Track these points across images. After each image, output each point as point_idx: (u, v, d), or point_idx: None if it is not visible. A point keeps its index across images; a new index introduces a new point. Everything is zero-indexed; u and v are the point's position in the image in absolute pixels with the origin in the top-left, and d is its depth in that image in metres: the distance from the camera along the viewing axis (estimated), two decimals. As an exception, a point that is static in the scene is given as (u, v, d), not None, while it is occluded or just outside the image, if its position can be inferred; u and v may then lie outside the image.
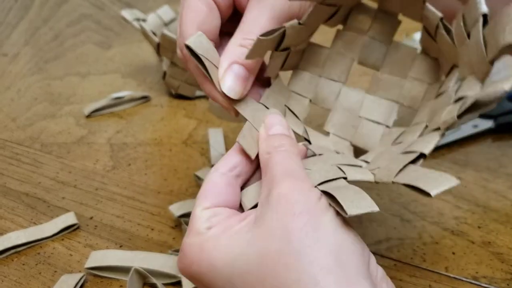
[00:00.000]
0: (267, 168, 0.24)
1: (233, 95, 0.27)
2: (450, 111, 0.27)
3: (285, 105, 0.32)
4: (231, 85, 0.27)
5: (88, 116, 0.57)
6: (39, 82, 0.66)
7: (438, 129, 0.27)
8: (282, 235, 0.21)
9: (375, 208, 0.22)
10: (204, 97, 0.60)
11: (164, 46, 0.55)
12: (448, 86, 0.30)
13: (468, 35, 0.27)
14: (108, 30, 0.82)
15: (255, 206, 0.25)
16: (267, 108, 0.30)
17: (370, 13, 0.34)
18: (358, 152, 0.36)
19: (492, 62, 0.25)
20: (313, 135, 0.33)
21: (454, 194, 0.41)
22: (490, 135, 0.48)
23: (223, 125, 0.54)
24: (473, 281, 0.33)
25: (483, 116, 0.48)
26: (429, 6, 0.30)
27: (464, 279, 0.34)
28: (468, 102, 0.25)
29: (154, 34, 0.57)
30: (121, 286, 0.35)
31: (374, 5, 0.34)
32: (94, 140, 0.53)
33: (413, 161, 0.26)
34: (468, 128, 0.47)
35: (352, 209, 0.21)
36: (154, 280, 0.34)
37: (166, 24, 0.63)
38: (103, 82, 0.66)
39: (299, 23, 0.29)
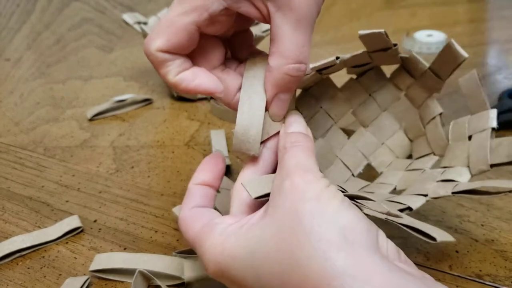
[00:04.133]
0: (282, 161, 0.26)
1: (278, 120, 0.29)
2: (443, 187, 0.31)
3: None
4: (277, 112, 0.29)
5: (91, 120, 0.57)
6: (41, 86, 0.67)
7: (425, 195, 0.31)
8: (294, 219, 0.22)
9: (452, 238, 0.24)
10: (206, 99, 0.60)
11: (165, 49, 0.55)
12: (425, 167, 0.37)
13: (470, 138, 0.34)
14: (109, 33, 0.82)
15: (261, 196, 0.26)
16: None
17: (382, 78, 0.40)
18: None
19: (492, 166, 0.31)
20: None
21: (456, 193, 0.41)
22: (492, 133, 0.48)
23: (225, 126, 0.54)
24: (477, 279, 0.33)
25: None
26: (434, 100, 0.37)
27: (468, 277, 0.34)
28: (467, 187, 0.30)
29: (155, 37, 0.57)
30: (125, 288, 0.35)
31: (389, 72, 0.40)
32: (97, 143, 0.53)
33: (402, 210, 0.30)
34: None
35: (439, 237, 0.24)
36: (158, 282, 0.34)
37: (167, 27, 0.63)
38: (105, 85, 0.66)
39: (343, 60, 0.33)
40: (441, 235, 0.24)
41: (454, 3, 0.84)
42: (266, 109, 0.29)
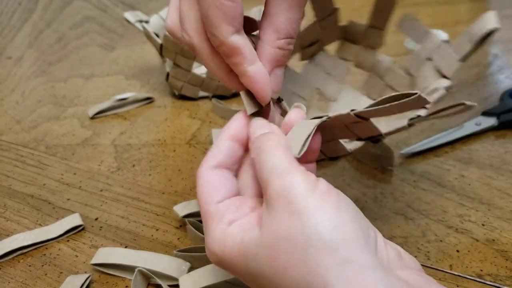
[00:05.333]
0: (257, 167, 0.24)
1: (276, 96, 0.29)
2: (433, 92, 0.33)
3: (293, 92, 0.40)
4: (276, 88, 0.29)
5: (92, 118, 0.58)
6: (43, 84, 0.67)
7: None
8: (286, 242, 0.21)
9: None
10: (207, 97, 0.60)
11: (167, 47, 0.55)
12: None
13: (430, 59, 0.36)
14: (111, 32, 0.82)
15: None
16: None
17: (331, 57, 0.44)
18: None
19: (463, 59, 0.34)
20: None
21: (457, 192, 0.41)
22: (493, 133, 0.48)
23: (226, 125, 0.54)
24: (477, 279, 0.33)
25: (486, 113, 0.48)
26: (382, 55, 0.41)
27: (468, 277, 0.34)
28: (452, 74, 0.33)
29: (157, 35, 0.58)
30: (126, 286, 0.35)
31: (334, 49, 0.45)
32: (99, 141, 0.53)
33: (412, 118, 0.31)
34: (471, 126, 0.47)
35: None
36: (158, 281, 0.34)
37: (169, 26, 0.63)
38: (107, 83, 0.66)
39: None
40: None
41: (456, 2, 0.83)
42: None
